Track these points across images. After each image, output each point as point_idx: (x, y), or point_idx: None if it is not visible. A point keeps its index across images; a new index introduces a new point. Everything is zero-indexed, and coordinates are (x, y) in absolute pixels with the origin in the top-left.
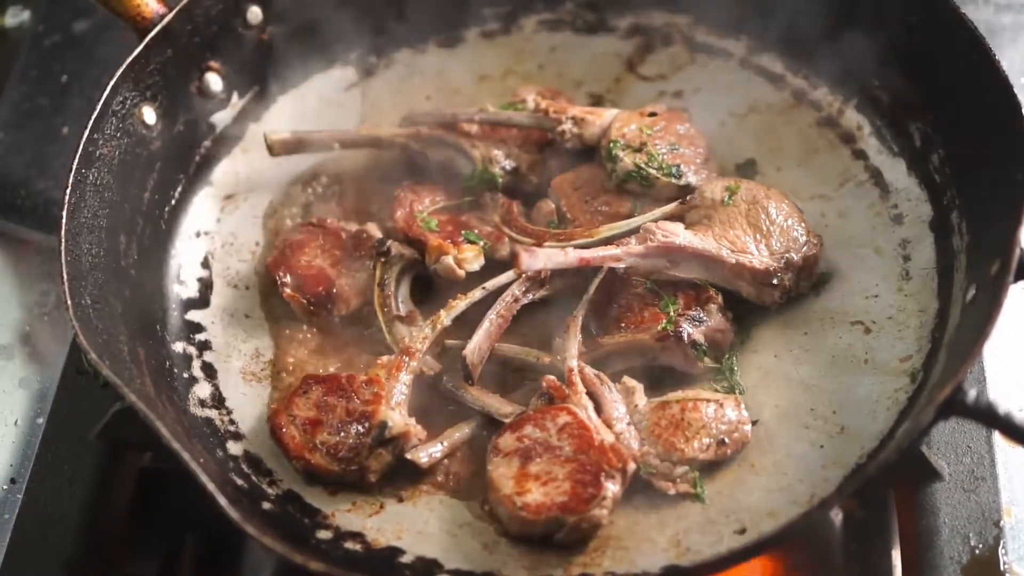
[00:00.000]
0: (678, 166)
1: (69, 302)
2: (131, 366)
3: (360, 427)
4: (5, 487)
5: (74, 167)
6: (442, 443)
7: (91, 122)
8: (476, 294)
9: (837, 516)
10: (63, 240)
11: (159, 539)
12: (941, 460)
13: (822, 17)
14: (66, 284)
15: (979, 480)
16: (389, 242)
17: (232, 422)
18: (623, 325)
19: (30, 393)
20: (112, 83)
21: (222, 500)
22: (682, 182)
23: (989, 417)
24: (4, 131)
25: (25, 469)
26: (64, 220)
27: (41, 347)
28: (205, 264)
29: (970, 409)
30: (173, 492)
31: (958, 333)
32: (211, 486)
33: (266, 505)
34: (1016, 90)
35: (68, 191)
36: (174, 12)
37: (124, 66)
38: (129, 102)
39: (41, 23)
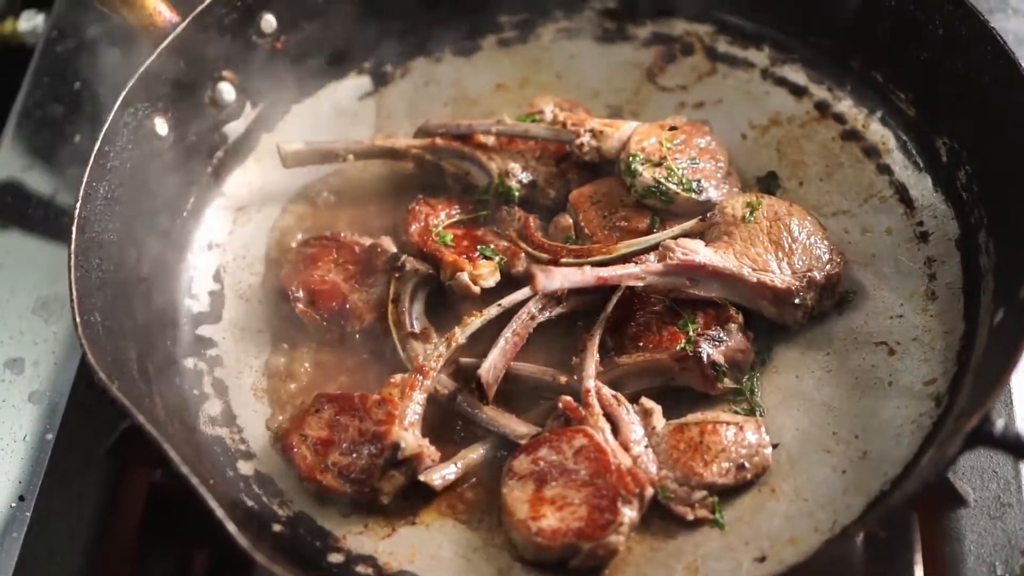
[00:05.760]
0: (698, 181)
1: (78, 319)
2: (140, 384)
3: (372, 448)
4: (14, 504)
5: (84, 181)
6: (456, 464)
7: (102, 134)
8: (492, 311)
9: (859, 536)
10: (73, 255)
11: (168, 556)
12: (966, 485)
13: (846, 28)
14: (75, 301)
15: (1006, 507)
16: (403, 257)
17: (243, 441)
18: (641, 344)
19: (40, 408)
20: (123, 95)
21: (231, 527)
22: (702, 197)
23: (1017, 448)
24: (17, 138)
25: (34, 486)
26: (74, 235)
27: (51, 361)
28: (217, 277)
29: (997, 440)
30: (183, 509)
31: (985, 358)
32: (220, 512)
33: (276, 527)
34: None
35: (78, 205)
36: (187, 21)
37: (135, 77)
38: (141, 113)
39: (54, 29)
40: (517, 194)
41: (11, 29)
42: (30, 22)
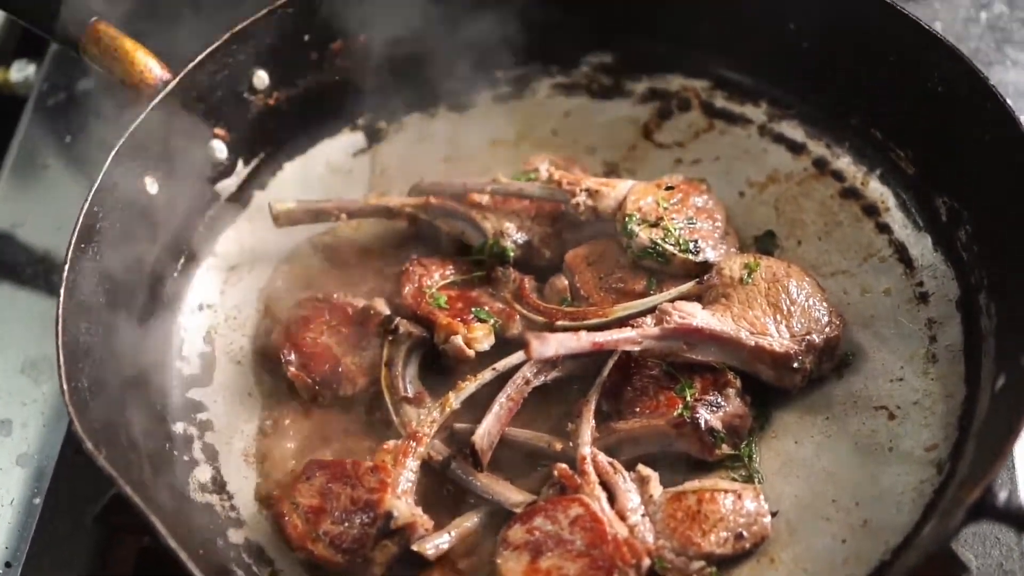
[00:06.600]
0: (695, 241)
1: (65, 387)
2: (129, 452)
3: (365, 516)
4: (0, 571)
5: (72, 243)
6: (449, 533)
7: (91, 195)
8: (486, 375)
9: None
10: (60, 320)
11: None
12: (968, 552)
13: (844, 84)
14: (62, 367)
15: (1008, 574)
16: (397, 320)
17: (233, 508)
18: (638, 409)
19: (27, 471)
20: (113, 154)
21: None
22: (699, 258)
23: (1021, 521)
24: (8, 193)
25: (21, 552)
26: (62, 299)
27: (40, 422)
28: (207, 339)
29: (1000, 513)
30: (173, 574)
31: (987, 424)
32: None
33: None
34: None
35: (66, 268)
36: (178, 78)
37: (125, 136)
38: (131, 172)
39: (46, 81)
40: (512, 254)
41: (2, 79)
42: (21, 72)
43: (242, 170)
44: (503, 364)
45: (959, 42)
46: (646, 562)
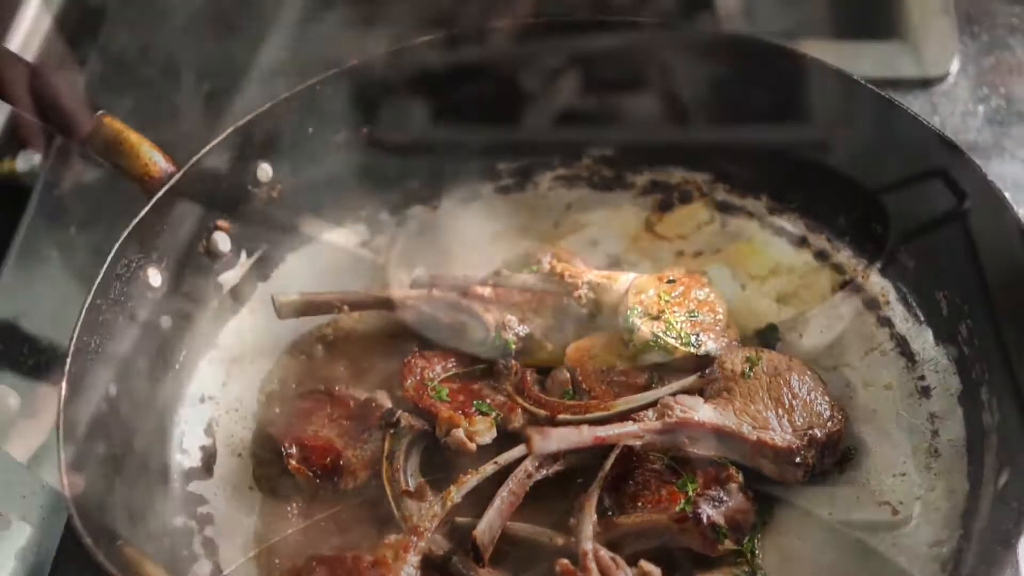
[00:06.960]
0: (697, 335)
1: (65, 480)
2: (128, 547)
3: None
4: None
5: (75, 336)
6: None
7: (94, 288)
8: (488, 469)
9: None
10: (61, 414)
11: None
12: None
13: (843, 178)
14: (62, 463)
15: None
16: (399, 413)
17: None
18: (640, 504)
19: (25, 566)
20: (116, 247)
21: None
22: (701, 351)
23: None
24: (11, 283)
25: None
26: (63, 392)
27: (40, 515)
28: (208, 431)
29: None
30: None
31: (990, 521)
32: None
33: None
34: None
35: (68, 360)
36: (183, 171)
37: (129, 229)
38: (134, 264)
39: (50, 171)
40: (514, 347)
41: (9, 169)
42: (27, 162)
43: (245, 262)
44: (505, 458)
45: (957, 135)
46: None
